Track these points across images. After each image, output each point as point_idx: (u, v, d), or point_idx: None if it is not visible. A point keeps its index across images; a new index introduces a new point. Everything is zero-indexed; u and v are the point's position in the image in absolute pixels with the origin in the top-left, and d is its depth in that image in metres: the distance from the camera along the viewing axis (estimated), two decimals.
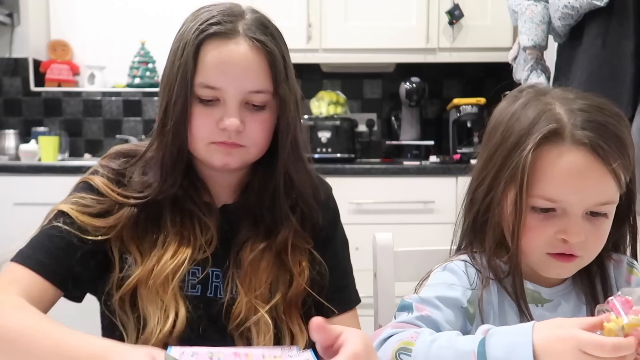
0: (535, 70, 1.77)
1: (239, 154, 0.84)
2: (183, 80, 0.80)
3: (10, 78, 2.97)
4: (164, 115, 0.83)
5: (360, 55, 2.65)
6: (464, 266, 0.80)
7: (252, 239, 0.88)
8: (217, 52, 0.81)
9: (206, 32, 0.81)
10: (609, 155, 0.70)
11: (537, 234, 0.74)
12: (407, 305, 0.75)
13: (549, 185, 0.72)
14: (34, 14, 2.91)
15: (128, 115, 3.01)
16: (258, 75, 0.82)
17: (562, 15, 1.58)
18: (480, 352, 0.61)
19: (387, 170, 2.39)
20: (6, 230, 2.27)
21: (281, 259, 0.88)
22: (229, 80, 0.81)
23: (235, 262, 0.87)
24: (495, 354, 0.60)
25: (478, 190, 0.81)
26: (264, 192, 0.89)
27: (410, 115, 2.75)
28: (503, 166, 0.76)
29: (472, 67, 2.90)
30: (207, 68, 0.81)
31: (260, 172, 0.90)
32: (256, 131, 0.84)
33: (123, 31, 2.96)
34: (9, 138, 2.80)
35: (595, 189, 0.71)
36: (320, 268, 0.90)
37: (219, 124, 0.82)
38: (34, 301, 0.76)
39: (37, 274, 0.79)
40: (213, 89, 0.81)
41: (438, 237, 0.92)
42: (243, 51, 0.81)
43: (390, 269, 0.98)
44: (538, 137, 0.72)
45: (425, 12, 2.59)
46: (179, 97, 0.81)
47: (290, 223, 0.89)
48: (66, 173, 2.30)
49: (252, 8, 0.87)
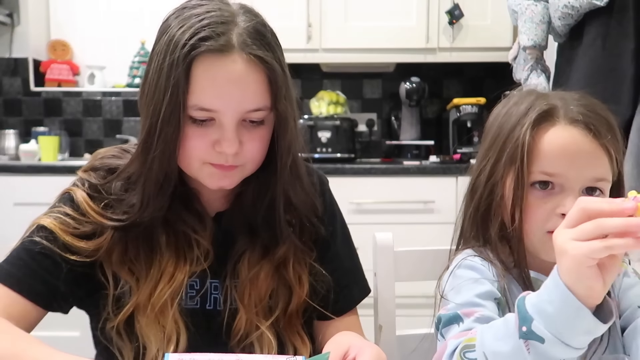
0: (535, 70, 1.77)
1: (234, 175, 0.80)
2: (174, 102, 0.73)
3: (10, 78, 2.96)
4: (147, 136, 0.76)
5: (360, 55, 2.64)
6: (480, 260, 0.81)
7: (249, 251, 0.85)
8: (211, 73, 0.73)
9: (197, 50, 0.72)
10: (600, 131, 0.75)
11: (536, 211, 0.76)
12: (453, 316, 0.74)
13: (548, 160, 0.76)
14: (34, 14, 2.91)
15: (128, 115, 3.00)
16: (256, 93, 0.76)
17: (562, 15, 1.58)
18: (519, 305, 0.61)
19: (387, 170, 2.39)
20: (6, 230, 2.27)
21: (280, 272, 0.86)
22: (226, 102, 0.74)
23: (232, 274, 0.85)
24: (531, 300, 0.60)
25: (478, 179, 0.83)
26: (260, 202, 0.85)
27: (410, 115, 2.75)
28: (503, 150, 0.79)
29: (472, 67, 2.90)
30: (200, 89, 0.73)
31: (254, 180, 0.85)
32: (254, 149, 0.79)
33: (123, 31, 2.96)
34: (9, 138, 2.81)
35: (590, 164, 0.75)
36: (322, 277, 0.88)
37: (215, 146, 0.76)
38: (14, 321, 0.73)
39: (19, 294, 0.76)
40: (208, 111, 0.75)
41: (438, 237, 0.92)
42: (239, 69, 0.74)
43: (390, 268, 0.98)
44: (534, 116, 0.77)
45: (425, 12, 2.59)
46: (170, 120, 0.74)
47: (289, 239, 0.86)
48: (66, 173, 2.31)
49: (241, 5, 0.79)
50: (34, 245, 0.79)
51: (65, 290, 0.80)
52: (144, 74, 0.80)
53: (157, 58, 0.75)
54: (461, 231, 0.87)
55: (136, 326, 0.80)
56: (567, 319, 0.57)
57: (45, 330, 0.82)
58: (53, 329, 0.80)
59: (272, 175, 0.83)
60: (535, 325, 0.58)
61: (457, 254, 0.84)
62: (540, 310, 0.58)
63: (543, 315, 0.58)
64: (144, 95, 0.78)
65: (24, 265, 0.78)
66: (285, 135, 0.80)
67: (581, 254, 0.54)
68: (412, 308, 1.83)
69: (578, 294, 0.56)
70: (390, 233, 0.99)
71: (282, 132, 0.80)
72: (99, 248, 0.80)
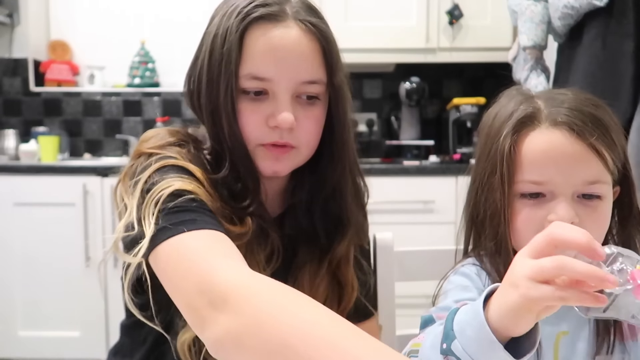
0: (535, 70, 1.77)
1: (288, 159, 0.76)
2: (227, 71, 0.70)
3: (10, 78, 2.97)
4: (212, 115, 0.73)
5: (360, 55, 2.64)
6: (476, 270, 0.79)
7: (309, 262, 0.82)
8: (265, 38, 0.70)
9: (252, 15, 0.70)
10: (585, 131, 0.70)
11: (526, 220, 0.72)
12: (428, 318, 0.73)
13: (532, 167, 0.71)
14: (34, 14, 2.91)
15: (128, 115, 3.01)
16: (312, 63, 0.72)
17: (562, 15, 1.58)
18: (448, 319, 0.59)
19: (387, 170, 2.39)
20: (6, 230, 2.28)
21: (334, 275, 0.83)
22: (281, 69, 0.71)
23: (294, 284, 0.80)
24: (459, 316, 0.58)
25: (473, 188, 0.80)
26: (314, 204, 0.81)
27: (410, 115, 2.75)
28: (488, 160, 0.76)
29: (472, 67, 2.90)
30: (254, 56, 0.71)
31: (307, 177, 0.81)
32: (309, 129, 0.75)
33: (123, 31, 2.96)
34: (9, 138, 2.80)
35: (578, 167, 0.70)
36: (365, 271, 0.86)
37: (269, 122, 0.72)
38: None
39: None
40: (262, 80, 0.71)
41: (438, 237, 0.92)
42: (295, 36, 0.71)
43: (390, 269, 0.98)
44: (514, 121, 0.73)
45: (425, 12, 2.59)
46: (225, 91, 0.71)
47: (344, 238, 0.82)
48: (66, 173, 2.30)
49: None
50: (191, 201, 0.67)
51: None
52: (193, 60, 0.76)
53: (208, 36, 0.73)
54: (465, 241, 0.85)
55: None
56: (481, 348, 0.54)
57: (46, 330, 0.82)
58: (53, 329, 0.79)
59: (327, 168, 0.79)
60: (455, 345, 0.55)
61: (462, 260, 0.83)
62: (462, 330, 0.56)
63: (463, 337, 0.55)
64: (200, 74, 0.74)
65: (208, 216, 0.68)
66: (340, 108, 0.76)
67: (533, 297, 0.50)
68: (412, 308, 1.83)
69: (500, 325, 0.53)
70: (390, 233, 0.99)
71: (337, 107, 0.76)
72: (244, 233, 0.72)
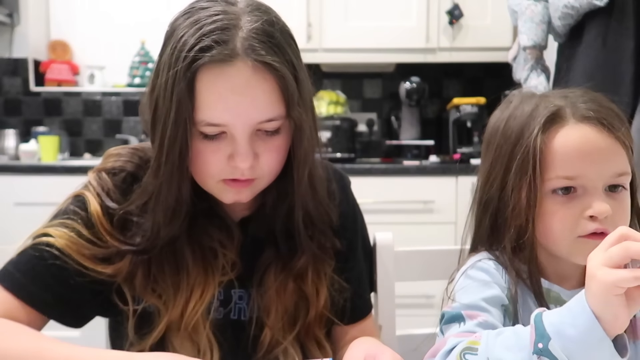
0: (535, 70, 1.77)
1: (250, 190, 0.76)
2: (179, 119, 0.68)
3: (10, 78, 2.96)
4: (156, 158, 0.73)
5: (360, 55, 2.65)
6: (494, 264, 0.79)
7: (274, 263, 0.83)
8: (215, 86, 0.68)
9: (199, 62, 0.67)
10: (614, 124, 0.72)
11: (562, 217, 0.73)
12: (456, 315, 0.73)
13: (565, 163, 0.72)
14: (34, 14, 2.91)
15: (128, 115, 3.01)
16: (267, 103, 0.70)
17: (562, 15, 1.58)
18: (537, 320, 0.60)
19: (387, 170, 2.39)
20: (6, 230, 2.27)
21: (298, 285, 0.83)
22: (234, 115, 0.69)
23: (259, 284, 0.82)
24: (551, 318, 0.59)
25: (491, 191, 0.79)
26: (278, 211, 0.81)
27: (410, 115, 2.75)
28: (512, 160, 0.76)
29: (472, 67, 2.90)
30: (206, 104, 0.68)
31: (273, 188, 0.80)
32: (270, 160, 0.74)
33: (123, 31, 2.96)
34: (9, 138, 2.80)
35: (609, 159, 0.72)
36: (342, 288, 0.86)
37: (229, 161, 0.72)
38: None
39: (31, 307, 0.74)
40: (218, 126, 0.70)
41: (438, 237, 0.92)
42: (245, 78, 0.68)
43: (390, 268, 0.98)
44: (542, 120, 0.73)
45: (425, 12, 2.59)
46: (176, 142, 0.69)
47: (309, 250, 0.83)
48: (66, 173, 2.30)
49: (248, 2, 0.74)
50: (45, 254, 0.75)
51: (79, 304, 0.77)
52: (150, 85, 0.75)
53: (163, 69, 0.71)
54: (475, 239, 0.85)
55: (168, 347, 0.77)
56: (587, 347, 0.56)
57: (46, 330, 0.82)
58: (53, 329, 0.79)
59: (290, 184, 0.79)
60: (552, 344, 0.57)
61: (473, 255, 0.83)
62: (560, 331, 0.57)
63: (563, 337, 0.57)
64: (153, 109, 0.73)
65: (36, 275, 0.74)
66: (301, 145, 0.75)
67: (609, 281, 0.54)
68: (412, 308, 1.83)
69: (603, 321, 0.55)
70: (390, 233, 0.99)
71: (298, 142, 0.74)
72: (117, 273, 0.76)
